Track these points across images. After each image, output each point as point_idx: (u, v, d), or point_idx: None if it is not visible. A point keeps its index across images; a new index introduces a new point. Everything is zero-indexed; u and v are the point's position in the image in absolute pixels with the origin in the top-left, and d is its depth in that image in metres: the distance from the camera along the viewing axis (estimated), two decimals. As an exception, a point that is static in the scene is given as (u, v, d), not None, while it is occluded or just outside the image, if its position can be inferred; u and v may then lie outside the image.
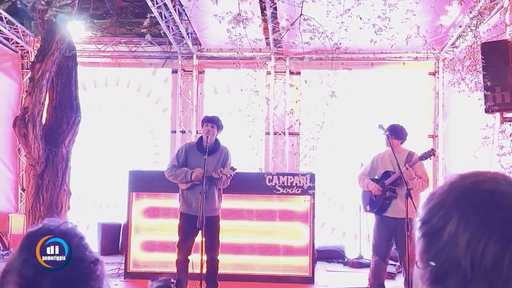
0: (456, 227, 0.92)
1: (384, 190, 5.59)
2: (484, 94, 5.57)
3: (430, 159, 5.61)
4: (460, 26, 7.66)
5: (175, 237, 5.64)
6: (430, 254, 0.95)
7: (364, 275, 6.57)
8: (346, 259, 8.36)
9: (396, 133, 5.58)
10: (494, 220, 0.89)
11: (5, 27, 8.67)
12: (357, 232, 8.35)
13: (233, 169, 5.42)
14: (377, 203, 5.65)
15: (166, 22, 8.05)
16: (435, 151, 5.63)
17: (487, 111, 5.61)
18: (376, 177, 5.81)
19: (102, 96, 9.68)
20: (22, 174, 9.26)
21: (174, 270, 5.53)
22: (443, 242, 0.93)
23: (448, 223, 0.93)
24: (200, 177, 5.29)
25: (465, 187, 0.95)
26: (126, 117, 9.66)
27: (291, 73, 9.35)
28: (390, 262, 6.38)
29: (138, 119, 9.67)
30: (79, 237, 1.29)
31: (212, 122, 5.53)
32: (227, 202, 6.08)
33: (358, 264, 7.96)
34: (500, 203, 0.90)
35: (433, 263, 0.93)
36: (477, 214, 0.90)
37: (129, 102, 9.65)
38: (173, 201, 6.13)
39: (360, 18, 5.39)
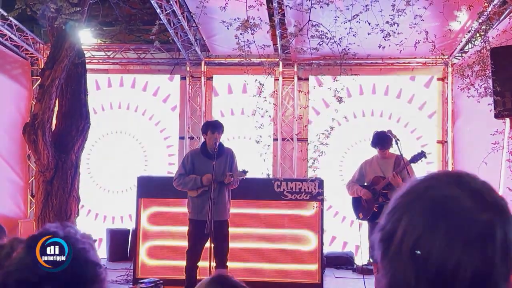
0: (403, 232, 0.92)
1: (377, 196, 5.55)
2: (494, 99, 5.55)
3: (422, 161, 5.55)
4: (469, 31, 7.63)
5: (184, 243, 5.64)
6: (385, 261, 0.95)
7: (373, 281, 6.54)
8: (355, 266, 8.31)
9: (388, 140, 5.57)
10: (439, 226, 0.89)
11: (15, 35, 8.73)
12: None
13: (244, 172, 5.43)
14: (369, 210, 5.61)
15: (174, 28, 8.08)
16: (425, 153, 5.55)
17: (496, 116, 5.59)
18: (365, 184, 5.79)
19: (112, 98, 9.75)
20: (32, 181, 9.30)
21: (183, 276, 5.52)
22: (393, 250, 0.93)
23: (398, 228, 0.93)
24: (210, 179, 5.28)
25: (418, 192, 0.96)
26: (134, 123, 9.72)
27: (299, 79, 9.35)
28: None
29: (149, 125, 9.72)
30: (82, 241, 1.29)
31: (219, 129, 5.52)
32: (235, 208, 6.07)
33: (367, 270, 7.91)
34: (448, 209, 0.91)
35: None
36: (425, 220, 0.90)
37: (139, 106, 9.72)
38: (182, 207, 6.13)
39: (369, 24, 5.38)
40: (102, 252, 8.44)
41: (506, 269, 0.89)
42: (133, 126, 9.73)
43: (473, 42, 8.14)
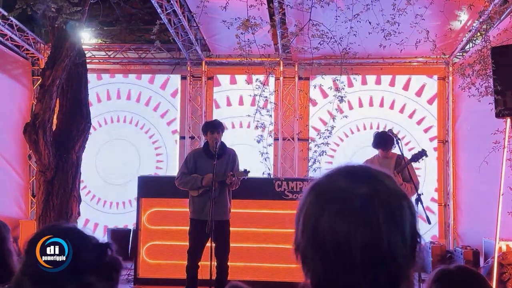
0: (301, 230, 1.01)
1: None
2: (495, 98, 5.53)
3: (423, 159, 5.54)
4: (470, 31, 7.62)
5: (184, 243, 5.63)
6: (298, 258, 1.02)
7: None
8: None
9: (388, 140, 5.57)
10: (326, 211, 0.96)
11: (15, 35, 8.73)
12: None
13: (246, 172, 5.41)
14: None
15: (175, 28, 8.08)
16: (426, 151, 5.54)
17: (497, 115, 5.57)
18: None
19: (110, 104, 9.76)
20: (33, 180, 9.31)
21: (184, 275, 5.52)
22: (301, 246, 1.00)
23: (298, 228, 1.02)
24: (211, 182, 5.27)
25: (306, 191, 1.04)
26: (135, 123, 9.72)
27: (300, 78, 9.35)
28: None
29: (149, 125, 9.72)
30: (94, 239, 1.30)
31: (218, 129, 5.52)
32: (236, 208, 6.06)
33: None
34: (330, 194, 0.99)
35: None
36: (315, 210, 0.98)
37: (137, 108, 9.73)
38: (182, 207, 6.13)
39: (369, 23, 5.38)
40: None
41: (399, 236, 0.94)
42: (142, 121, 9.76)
43: (474, 41, 8.14)
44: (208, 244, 5.35)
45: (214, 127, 5.53)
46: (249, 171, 5.44)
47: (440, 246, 8.12)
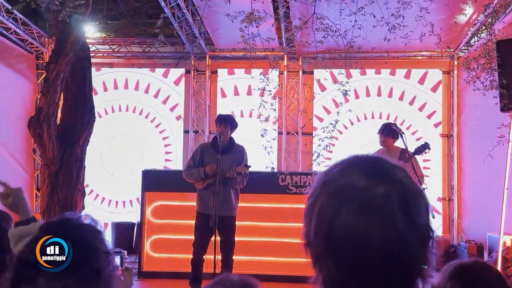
0: (317, 222, 1.00)
1: None
2: (500, 92, 5.51)
3: (426, 153, 5.54)
4: (475, 24, 7.58)
5: (189, 236, 5.65)
6: (313, 260, 1.05)
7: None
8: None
9: (393, 132, 5.59)
10: (343, 211, 0.94)
11: (20, 28, 8.73)
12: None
13: (247, 166, 5.39)
14: None
15: (179, 22, 8.07)
16: (429, 144, 5.53)
17: (502, 109, 5.55)
18: None
19: (116, 96, 9.76)
20: (37, 174, 9.34)
21: (188, 269, 5.54)
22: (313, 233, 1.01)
23: (313, 218, 1.02)
24: (215, 170, 5.26)
25: (321, 184, 1.04)
26: (140, 118, 9.72)
27: (304, 72, 9.33)
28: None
29: (152, 119, 9.72)
30: (95, 231, 1.30)
31: (225, 122, 5.50)
32: (240, 202, 6.07)
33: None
34: (347, 193, 0.96)
35: None
36: (332, 207, 0.96)
37: (143, 102, 9.72)
38: (187, 200, 6.15)
39: (374, 16, 5.36)
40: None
41: (417, 234, 0.93)
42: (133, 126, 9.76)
43: (479, 35, 8.10)
44: (213, 238, 5.37)
45: (221, 120, 5.52)
46: (250, 166, 5.43)
47: (444, 240, 8.11)
